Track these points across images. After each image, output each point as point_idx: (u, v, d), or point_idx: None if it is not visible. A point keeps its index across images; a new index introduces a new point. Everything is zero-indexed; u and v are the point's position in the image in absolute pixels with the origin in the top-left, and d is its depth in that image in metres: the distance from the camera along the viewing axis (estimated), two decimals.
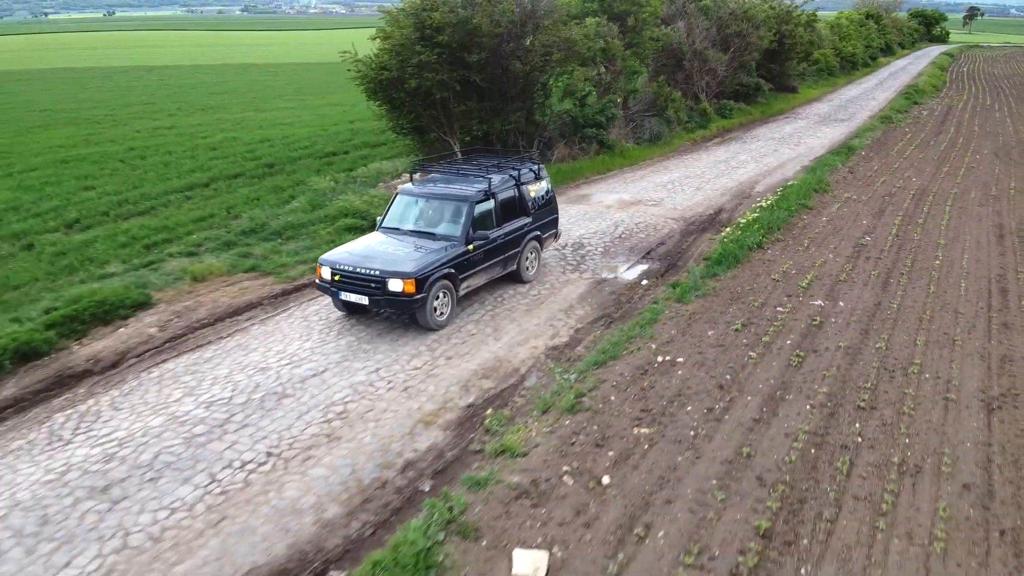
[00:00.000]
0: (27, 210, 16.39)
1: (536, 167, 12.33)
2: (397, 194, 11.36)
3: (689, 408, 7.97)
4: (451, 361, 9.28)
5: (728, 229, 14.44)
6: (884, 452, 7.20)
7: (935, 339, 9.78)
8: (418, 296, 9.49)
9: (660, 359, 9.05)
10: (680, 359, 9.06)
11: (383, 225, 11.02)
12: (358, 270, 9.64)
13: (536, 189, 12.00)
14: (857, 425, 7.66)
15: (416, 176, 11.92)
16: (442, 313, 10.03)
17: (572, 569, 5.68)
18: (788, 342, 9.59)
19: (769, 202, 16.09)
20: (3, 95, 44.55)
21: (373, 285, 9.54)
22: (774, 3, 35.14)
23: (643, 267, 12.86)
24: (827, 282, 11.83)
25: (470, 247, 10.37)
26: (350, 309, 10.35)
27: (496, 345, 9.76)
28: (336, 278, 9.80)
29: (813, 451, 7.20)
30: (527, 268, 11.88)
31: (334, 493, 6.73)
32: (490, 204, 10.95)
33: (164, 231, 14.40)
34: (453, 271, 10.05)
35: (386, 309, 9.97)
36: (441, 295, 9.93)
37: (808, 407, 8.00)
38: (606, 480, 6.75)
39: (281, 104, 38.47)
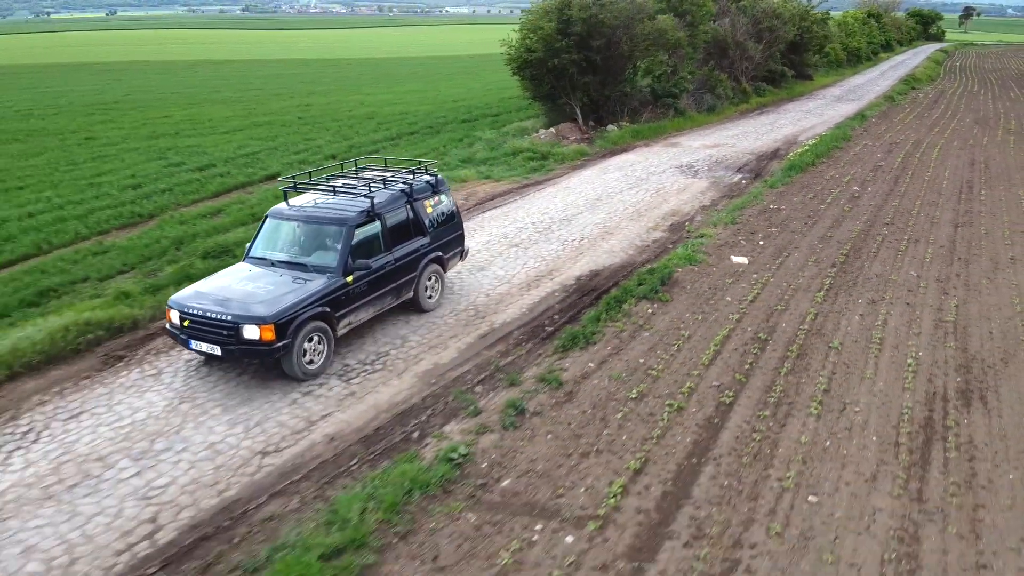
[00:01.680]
0: (285, 150, 23.07)
1: (433, 179, 10.82)
2: (267, 217, 9.79)
3: (794, 223, 14.81)
4: (650, 209, 16.04)
5: (789, 156, 21.28)
6: (899, 236, 14.02)
7: (926, 203, 16.63)
8: (279, 344, 8.05)
9: (771, 207, 15.91)
10: (782, 207, 15.92)
11: (251, 254, 9.50)
12: (208, 314, 8.20)
13: (434, 204, 10.59)
14: (884, 228, 14.50)
15: (290, 196, 10.02)
16: (312, 360, 8.51)
17: (759, 262, 12.47)
18: (841, 202, 16.45)
19: (812, 143, 22.92)
20: (114, 83, 51.04)
21: (225, 332, 8.09)
22: (794, 2, 41.88)
23: (739, 175, 19.66)
24: (859, 180, 18.69)
25: (349, 279, 8.90)
26: (210, 358, 8.72)
27: (668, 206, 16.52)
28: (186, 324, 8.34)
29: (863, 236, 14.02)
30: (427, 294, 10.41)
31: (625, 248, 13.52)
32: (376, 226, 9.49)
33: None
34: (327, 309, 8.58)
35: (245, 359, 8.49)
36: (313, 338, 8.45)
37: (857, 224, 14.83)
38: (761, 242, 13.56)
39: (373, 90, 44.98)
